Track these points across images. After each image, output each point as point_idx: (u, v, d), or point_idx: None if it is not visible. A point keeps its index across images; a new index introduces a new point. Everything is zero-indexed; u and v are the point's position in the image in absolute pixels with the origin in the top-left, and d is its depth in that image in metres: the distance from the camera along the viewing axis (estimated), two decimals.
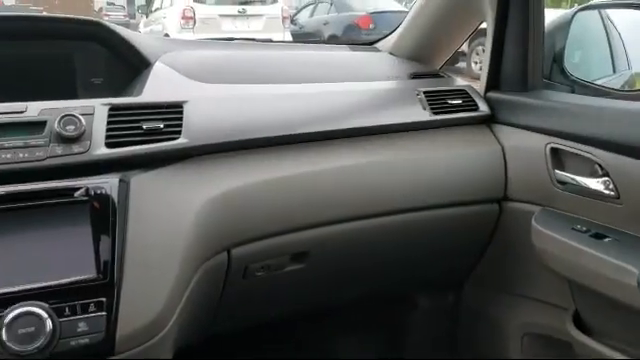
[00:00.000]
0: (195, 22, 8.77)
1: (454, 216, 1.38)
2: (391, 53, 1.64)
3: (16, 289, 0.87)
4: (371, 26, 8.68)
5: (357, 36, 8.63)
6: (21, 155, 0.96)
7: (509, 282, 1.51)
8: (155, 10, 10.94)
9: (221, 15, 8.87)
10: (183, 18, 8.78)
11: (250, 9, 9.07)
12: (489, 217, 1.43)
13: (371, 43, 1.77)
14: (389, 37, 1.69)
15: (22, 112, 1.01)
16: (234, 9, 8.97)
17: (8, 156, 0.95)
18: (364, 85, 1.40)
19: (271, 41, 3.41)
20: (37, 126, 1.00)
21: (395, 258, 1.43)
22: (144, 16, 11.88)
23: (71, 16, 1.28)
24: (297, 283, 1.33)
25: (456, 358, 1.72)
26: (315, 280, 1.36)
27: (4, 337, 0.82)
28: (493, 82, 1.48)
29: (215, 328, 1.33)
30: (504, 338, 1.54)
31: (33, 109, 1.01)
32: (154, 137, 1.06)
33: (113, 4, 25.80)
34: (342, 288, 1.48)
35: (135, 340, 0.93)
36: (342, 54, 1.66)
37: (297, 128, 1.22)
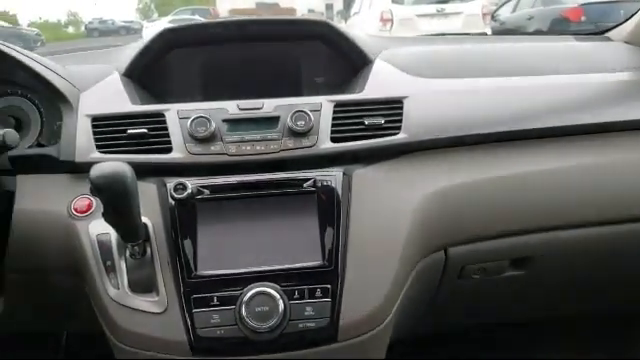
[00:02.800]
0: (393, 24, 8.87)
1: None
2: (627, 42, 1.47)
3: (252, 270, 0.95)
4: (582, 18, 7.96)
5: (565, 30, 7.99)
6: (258, 147, 1.04)
7: None
8: (354, 14, 11.32)
9: (419, 15, 8.85)
10: (381, 20, 8.94)
11: (449, 7, 8.91)
12: None
13: (600, 33, 1.61)
14: (624, 25, 1.52)
15: (259, 108, 1.09)
16: (432, 8, 8.89)
17: (247, 148, 1.04)
18: (599, 77, 1.27)
19: (486, 34, 3.30)
20: (272, 121, 1.07)
21: (631, 272, 1.27)
22: (343, 21, 12.35)
23: (300, 17, 1.36)
24: (515, 290, 1.26)
25: None
26: (535, 288, 1.27)
27: (244, 313, 0.89)
28: None
29: (423, 327, 1.31)
30: None
31: (269, 105, 1.09)
32: (375, 132, 1.08)
33: (313, 11, 27.28)
34: (564, 301, 1.36)
35: (356, 330, 0.95)
36: (568, 44, 1.53)
37: (520, 124, 1.15)
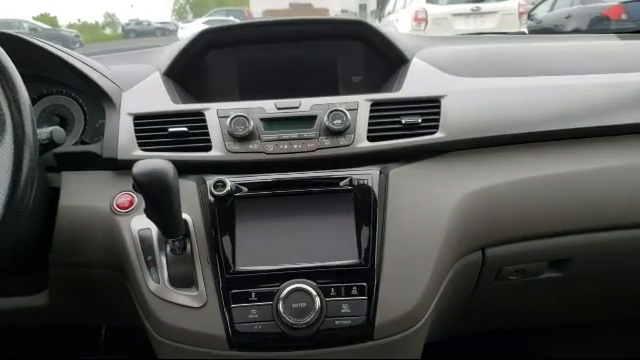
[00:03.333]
0: (427, 23, 8.80)
1: None
2: None
3: (289, 266, 0.96)
4: (623, 16, 7.76)
5: (605, 28, 7.79)
6: (295, 146, 1.05)
7: None
8: (387, 14, 11.28)
9: (454, 14, 8.77)
10: (415, 20, 8.88)
11: (484, 6, 8.80)
12: None
13: None
14: None
15: (296, 107, 1.10)
16: (467, 7, 8.79)
17: (285, 147, 1.05)
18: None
19: (524, 33, 3.25)
20: (309, 120, 1.08)
21: None
22: (376, 20, 12.32)
23: (338, 17, 1.37)
24: (553, 292, 1.24)
25: None
26: (573, 291, 1.25)
27: (280, 309, 0.90)
28: None
29: (459, 328, 1.30)
30: None
31: (305, 105, 1.10)
32: (412, 131, 1.08)
33: (346, 11, 27.25)
34: (603, 305, 1.34)
35: (392, 328, 0.95)
36: (607, 43, 1.50)
37: (558, 124, 1.13)
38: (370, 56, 1.34)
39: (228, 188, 1.01)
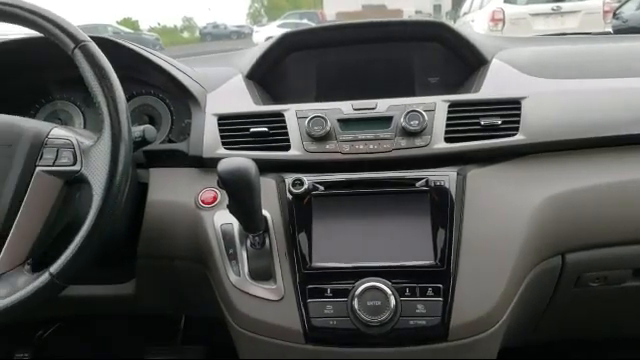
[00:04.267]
0: (504, 24, 8.57)
1: None
2: None
3: (364, 265, 0.97)
4: None
5: None
6: (371, 146, 1.07)
7: None
8: (463, 15, 11.07)
9: (533, 14, 8.48)
10: (492, 21, 8.67)
11: (566, 5, 8.46)
12: None
13: None
14: None
15: (373, 108, 1.12)
16: (547, 7, 8.48)
17: (361, 147, 1.07)
18: None
19: (609, 33, 3.10)
20: (385, 121, 1.10)
21: None
22: (452, 21, 12.11)
23: (418, 19, 1.38)
24: (636, 302, 1.19)
25: None
26: None
27: (356, 306, 0.92)
28: None
29: (535, 335, 1.28)
30: None
31: (382, 105, 1.12)
32: (491, 133, 1.07)
33: (421, 12, 26.94)
34: None
35: (467, 330, 0.95)
36: None
37: None
38: (448, 57, 1.34)
39: (306, 186, 1.04)
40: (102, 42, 0.94)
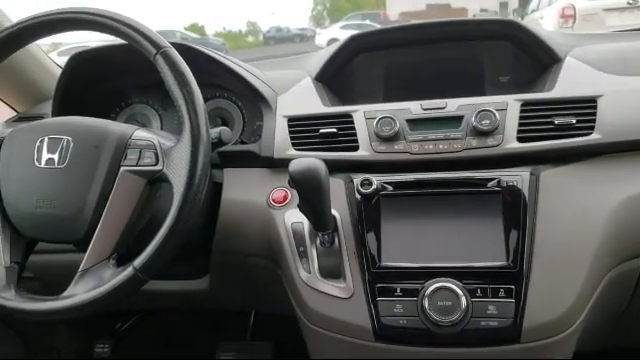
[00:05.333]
0: (575, 20, 8.25)
1: None
2: None
3: (434, 265, 0.97)
4: None
5: None
6: (441, 146, 1.07)
7: None
8: (531, 12, 10.73)
9: (606, 9, 8.12)
10: (562, 17, 8.36)
11: None
12: None
13: None
14: None
15: (443, 108, 1.12)
16: (622, 1, 8.11)
17: (430, 147, 1.07)
18: None
19: None
20: (455, 120, 1.09)
21: None
22: (519, 18, 11.77)
23: (488, 18, 1.36)
24: None
25: None
26: None
27: (426, 305, 0.93)
28: None
29: (611, 340, 1.23)
30: None
31: (452, 105, 1.12)
32: (565, 132, 1.05)
33: (486, 10, 26.30)
34: None
35: (540, 333, 0.93)
36: None
37: None
38: (519, 56, 1.32)
39: (374, 186, 1.05)
40: (180, 48, 0.98)
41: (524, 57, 1.31)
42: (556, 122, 1.05)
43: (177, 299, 1.36)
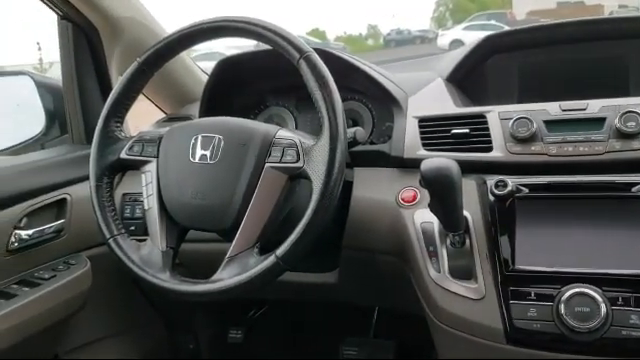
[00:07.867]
0: None
1: None
2: None
3: (572, 270, 0.95)
4: None
5: None
6: (581, 149, 1.04)
7: None
8: None
9: None
10: None
11: None
12: None
13: None
14: None
15: (583, 109, 1.08)
16: None
17: (570, 149, 1.04)
18: None
19: None
20: (597, 122, 1.05)
21: None
22: None
23: (630, 15, 1.29)
24: None
25: None
26: None
27: (562, 311, 0.90)
28: None
29: None
30: None
31: (594, 106, 1.08)
32: None
33: (626, 6, 24.37)
34: None
35: None
36: None
37: None
38: None
39: (509, 188, 1.04)
40: (318, 52, 1.04)
41: None
42: None
43: (306, 291, 1.42)
